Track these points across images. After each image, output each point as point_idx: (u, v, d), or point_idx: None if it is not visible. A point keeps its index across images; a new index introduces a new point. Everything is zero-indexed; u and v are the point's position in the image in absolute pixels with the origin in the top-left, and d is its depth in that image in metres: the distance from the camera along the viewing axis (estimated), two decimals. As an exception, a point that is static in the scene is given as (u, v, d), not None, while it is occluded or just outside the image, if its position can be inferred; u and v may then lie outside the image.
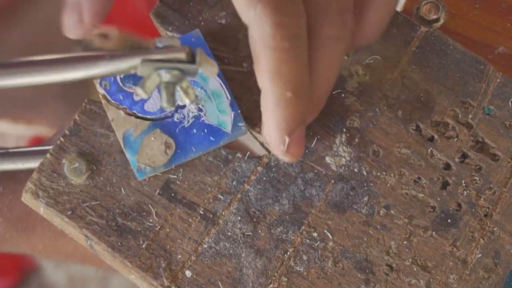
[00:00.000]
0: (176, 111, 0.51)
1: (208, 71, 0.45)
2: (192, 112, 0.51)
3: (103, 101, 0.50)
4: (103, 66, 0.45)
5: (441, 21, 0.54)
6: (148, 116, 0.50)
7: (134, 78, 0.51)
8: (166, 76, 0.45)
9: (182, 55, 0.45)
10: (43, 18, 0.95)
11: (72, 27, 0.50)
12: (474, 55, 0.53)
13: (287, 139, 0.45)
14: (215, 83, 0.51)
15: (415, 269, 0.49)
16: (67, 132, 0.51)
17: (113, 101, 0.50)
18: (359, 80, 0.53)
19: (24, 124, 1.18)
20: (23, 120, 1.18)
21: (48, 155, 0.50)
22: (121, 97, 0.50)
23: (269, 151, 0.51)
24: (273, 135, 0.45)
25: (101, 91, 0.50)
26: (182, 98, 0.46)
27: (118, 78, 0.51)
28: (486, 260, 0.50)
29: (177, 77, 0.45)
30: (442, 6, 0.54)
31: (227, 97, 0.51)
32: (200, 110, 0.51)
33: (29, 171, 0.51)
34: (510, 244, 0.50)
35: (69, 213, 0.49)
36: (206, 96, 0.51)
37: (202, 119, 0.51)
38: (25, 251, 0.67)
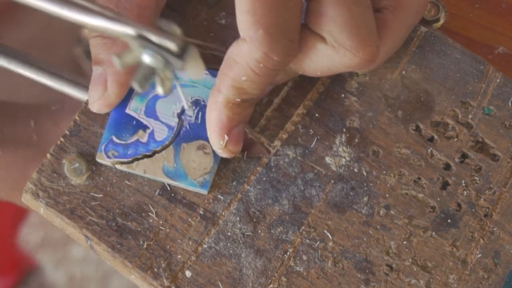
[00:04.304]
0: (180, 118, 0.51)
1: (193, 72, 0.44)
2: (194, 108, 0.51)
3: (123, 167, 0.50)
4: (100, 21, 0.44)
5: (441, 21, 0.54)
6: (167, 142, 0.50)
7: (128, 126, 0.51)
8: (148, 58, 0.43)
9: (173, 47, 0.43)
10: (43, 18, 0.95)
11: (97, 100, 0.50)
12: (474, 55, 0.53)
13: (226, 137, 0.48)
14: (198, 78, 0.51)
15: (415, 269, 0.49)
16: (67, 132, 0.51)
17: (129, 159, 0.50)
18: (359, 80, 0.53)
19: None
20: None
21: (48, 156, 0.50)
22: (133, 150, 0.50)
23: (269, 151, 0.51)
24: (214, 131, 0.48)
25: (114, 161, 0.50)
26: (156, 85, 0.45)
27: (115, 139, 0.50)
28: (486, 260, 0.50)
29: (159, 64, 0.43)
30: (442, 6, 0.54)
31: (206, 73, 0.51)
32: (198, 101, 0.51)
33: (32, 140, 0.51)
34: (510, 244, 0.50)
35: (69, 213, 0.49)
36: (191, 87, 0.51)
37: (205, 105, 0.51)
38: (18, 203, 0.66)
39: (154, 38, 0.43)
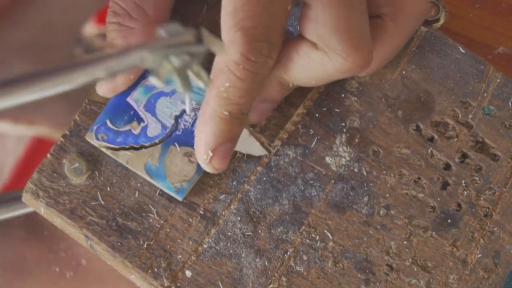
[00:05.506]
0: (177, 121, 0.51)
1: (217, 49, 0.44)
2: (194, 113, 0.51)
3: (109, 152, 0.50)
4: (113, 65, 0.44)
5: (441, 21, 0.54)
6: (157, 140, 0.50)
7: (123, 116, 0.51)
8: (176, 61, 0.43)
9: (189, 37, 0.42)
10: (43, 18, 0.95)
11: (104, 84, 0.50)
12: (474, 55, 0.53)
13: (210, 153, 0.47)
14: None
15: (415, 269, 0.49)
16: (67, 132, 0.51)
17: (117, 146, 0.50)
18: (359, 80, 0.53)
19: (24, 125, 1.18)
20: (23, 121, 1.18)
21: (48, 155, 0.50)
22: (122, 139, 0.50)
23: (269, 151, 0.51)
24: (199, 145, 0.48)
25: (102, 144, 0.50)
26: (196, 82, 0.44)
27: (109, 124, 0.50)
28: (486, 260, 0.50)
29: (187, 61, 0.43)
30: (442, 6, 0.54)
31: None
32: (197, 109, 0.51)
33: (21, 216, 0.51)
34: (510, 244, 0.50)
35: (69, 213, 0.49)
36: (193, 94, 0.51)
37: None
38: None
39: (168, 42, 0.43)
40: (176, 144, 0.50)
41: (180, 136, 0.50)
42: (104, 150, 0.50)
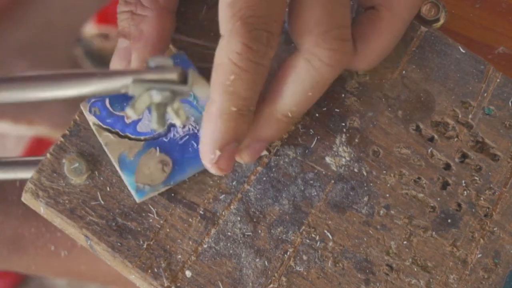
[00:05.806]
0: (169, 129, 0.51)
1: (201, 92, 0.45)
2: (188, 129, 0.51)
3: (94, 128, 0.50)
4: (94, 85, 0.44)
5: (441, 21, 0.54)
6: (142, 137, 0.50)
7: (123, 102, 0.51)
8: (157, 96, 0.44)
9: (174, 76, 0.44)
10: (43, 18, 0.95)
11: None
12: (474, 55, 0.53)
13: (217, 152, 0.46)
14: (205, 100, 0.51)
15: (415, 269, 0.49)
16: (67, 132, 0.51)
17: (105, 126, 0.50)
18: (359, 80, 0.53)
19: (24, 125, 1.18)
20: (23, 121, 1.18)
21: (48, 155, 0.50)
22: (112, 121, 0.50)
23: (269, 151, 0.51)
24: (206, 144, 0.47)
25: (91, 118, 0.50)
26: (173, 119, 0.45)
27: (107, 103, 0.50)
28: (486, 260, 0.50)
29: (168, 98, 0.44)
30: (442, 6, 0.54)
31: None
32: (194, 127, 0.51)
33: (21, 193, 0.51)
34: (510, 244, 0.50)
35: (69, 213, 0.49)
36: (197, 113, 0.51)
37: (197, 135, 0.50)
38: (17, 269, 0.67)
39: (152, 76, 0.44)
40: (157, 148, 0.50)
41: (165, 144, 0.50)
42: (91, 124, 0.50)
